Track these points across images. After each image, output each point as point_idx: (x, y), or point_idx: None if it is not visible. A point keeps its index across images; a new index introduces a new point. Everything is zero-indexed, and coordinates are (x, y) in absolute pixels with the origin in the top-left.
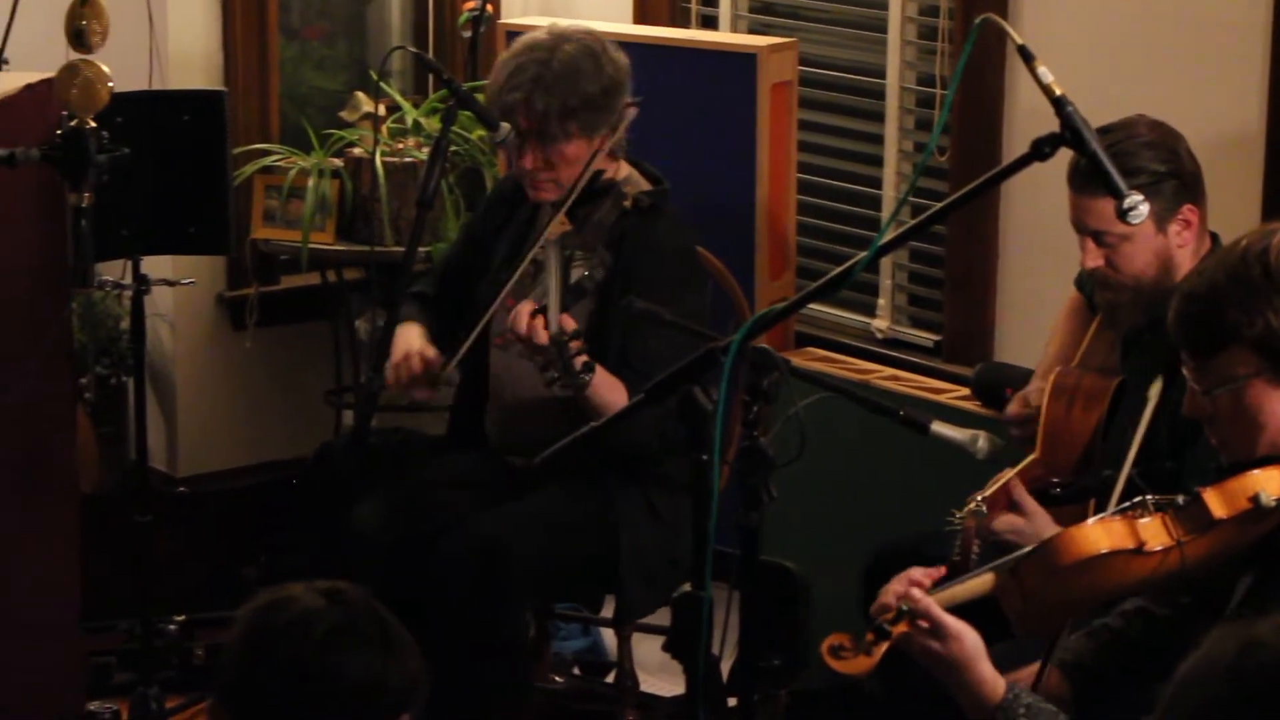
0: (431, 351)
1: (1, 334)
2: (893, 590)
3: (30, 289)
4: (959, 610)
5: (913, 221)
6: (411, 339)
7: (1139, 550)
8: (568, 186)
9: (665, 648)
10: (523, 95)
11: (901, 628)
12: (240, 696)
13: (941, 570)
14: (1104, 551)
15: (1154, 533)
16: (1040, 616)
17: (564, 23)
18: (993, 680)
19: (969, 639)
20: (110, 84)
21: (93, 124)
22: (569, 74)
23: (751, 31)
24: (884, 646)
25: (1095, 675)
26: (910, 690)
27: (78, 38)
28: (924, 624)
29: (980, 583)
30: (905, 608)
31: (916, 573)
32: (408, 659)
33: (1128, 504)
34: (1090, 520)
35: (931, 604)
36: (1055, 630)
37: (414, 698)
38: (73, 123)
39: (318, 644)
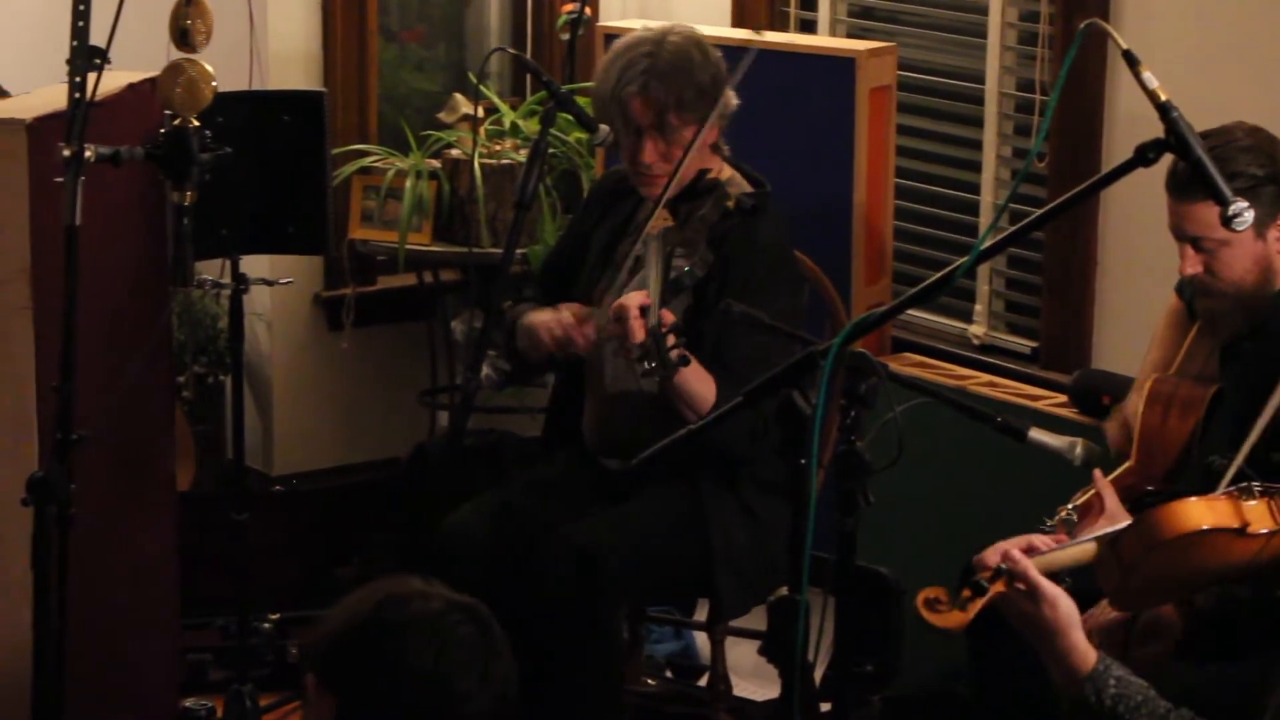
0: (572, 308)
1: (103, 332)
2: (998, 549)
3: (131, 287)
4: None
5: (1014, 227)
6: (543, 310)
7: (1242, 531)
8: (682, 181)
9: (761, 651)
10: (638, 88)
11: (999, 587)
12: (350, 681)
13: (1061, 538)
14: (1206, 528)
15: (1259, 515)
16: (1136, 593)
17: (663, 25)
18: (1084, 650)
19: (1064, 605)
20: (214, 83)
21: (196, 123)
22: (680, 64)
23: (850, 36)
24: (980, 603)
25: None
26: (1003, 696)
27: (182, 37)
28: (1021, 586)
29: (1081, 551)
30: (1004, 567)
31: (1036, 538)
32: (508, 686)
33: (1233, 486)
34: (1194, 498)
35: (1030, 566)
36: (1149, 609)
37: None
38: (176, 122)
39: (439, 649)
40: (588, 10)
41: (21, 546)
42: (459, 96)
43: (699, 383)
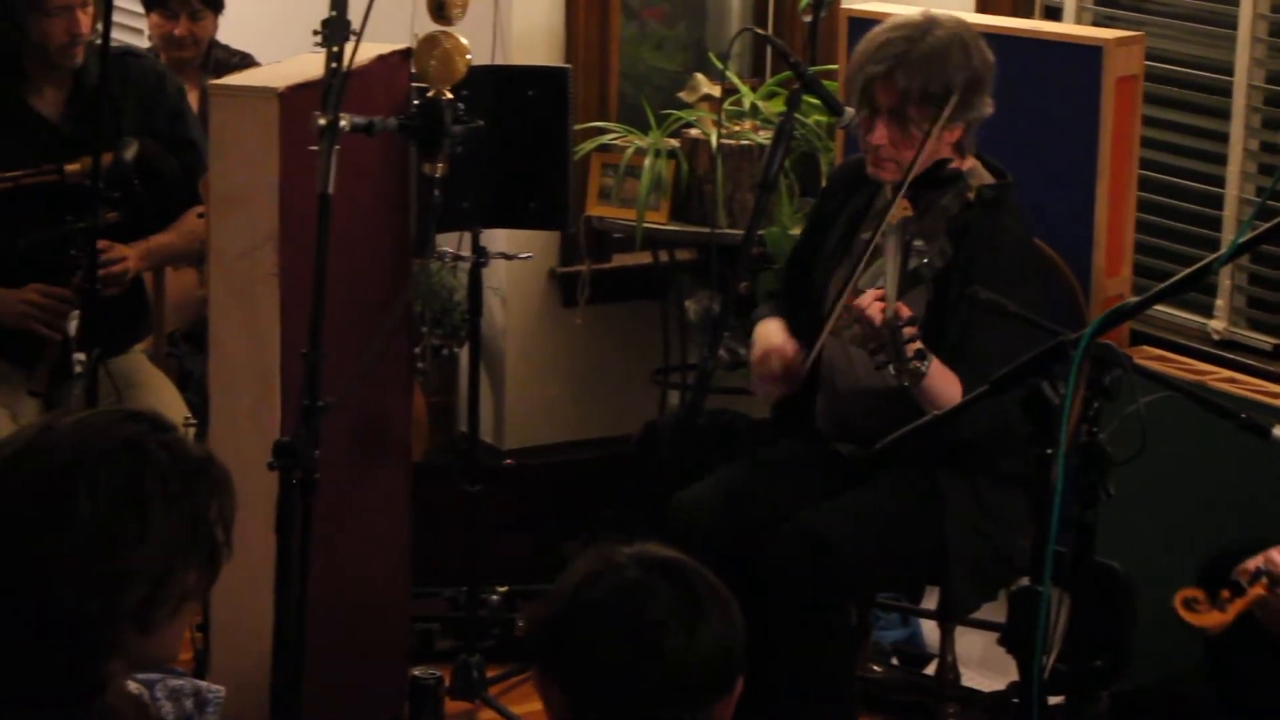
0: (791, 347)
1: (346, 300)
2: (1263, 555)
3: (373, 257)
4: None
5: (1270, 224)
6: (771, 334)
7: None
8: (920, 169)
9: (1001, 642)
10: (884, 70)
11: (1258, 589)
12: (565, 667)
13: None
14: None
15: None
16: None
17: (938, 11)
18: None
19: None
20: (468, 56)
21: (449, 95)
22: (935, 59)
23: (1095, 24)
24: (1239, 605)
25: None
26: (1244, 703)
27: (439, 10)
28: None
29: None
30: (1264, 568)
31: None
32: (733, 626)
33: None
34: None
35: None
36: None
37: (736, 663)
38: (429, 93)
39: (638, 618)
40: None
41: (263, 509)
42: (700, 76)
43: (944, 383)
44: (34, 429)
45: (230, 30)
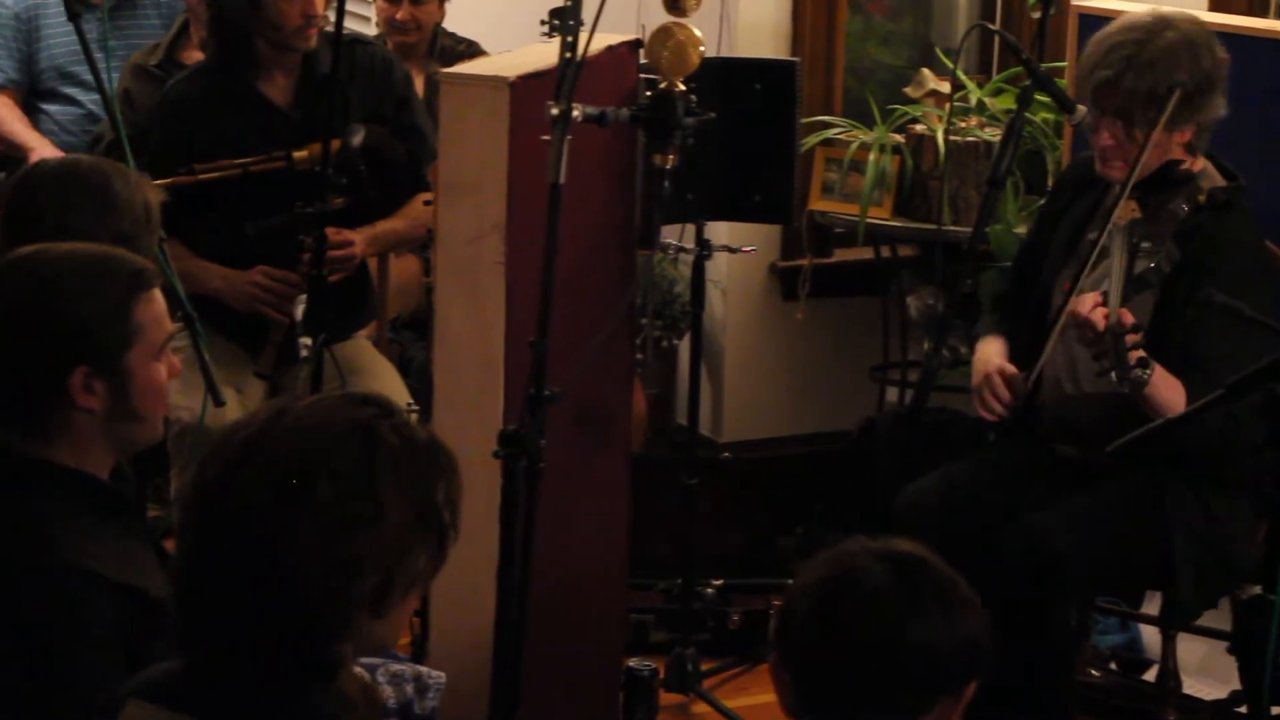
0: (1010, 369)
1: (570, 290)
2: None
3: (596, 247)
4: None
5: None
6: (990, 356)
7: None
8: (1145, 171)
9: (1230, 650)
10: (1113, 74)
11: None
12: (801, 659)
13: None
14: None
15: None
16: None
17: (1170, 10)
18: None
19: None
20: (701, 48)
21: (682, 87)
22: (1162, 61)
23: None
24: None
25: None
26: None
27: (674, 2)
28: None
29: None
30: None
31: None
32: (972, 621)
33: None
34: None
35: None
36: None
37: (979, 660)
38: (662, 85)
39: (883, 612)
40: None
41: (484, 496)
42: (926, 71)
43: (1168, 390)
44: (265, 415)
45: (457, 18)
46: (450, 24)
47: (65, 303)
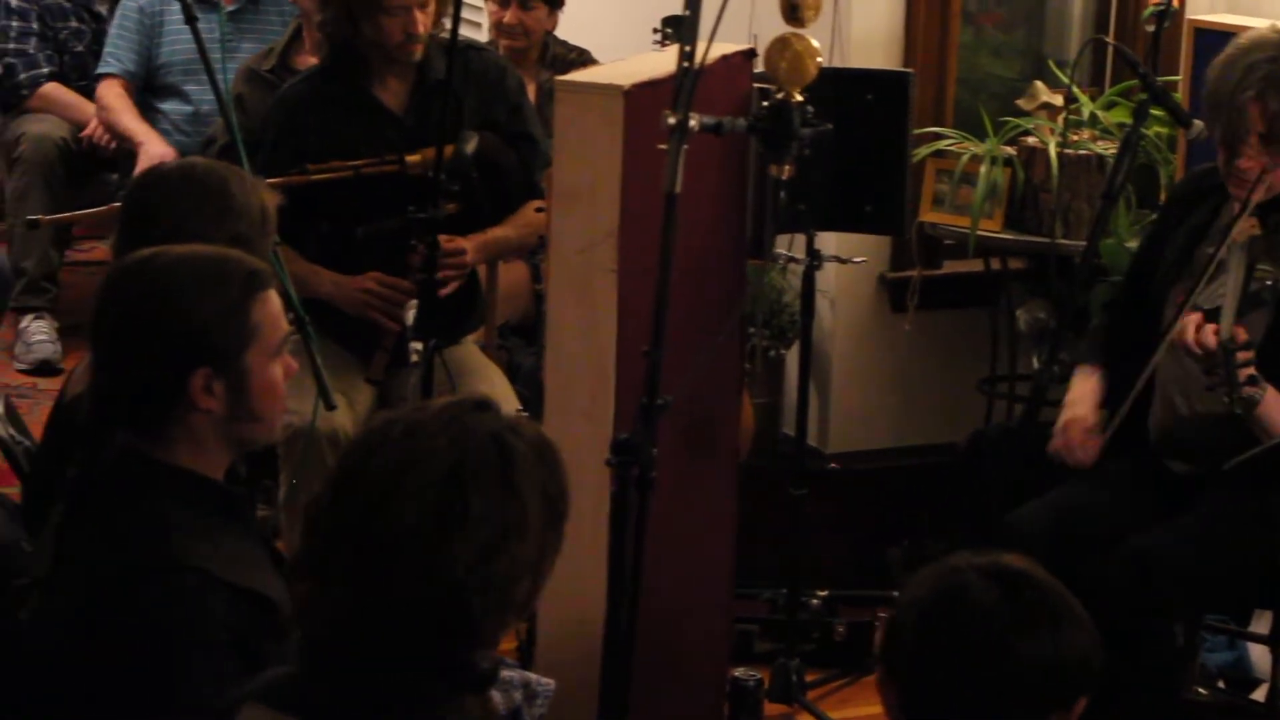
0: (1093, 419)
1: (682, 301)
2: None
3: (708, 256)
4: None
5: None
6: (1078, 399)
7: None
8: (1272, 189)
9: None
10: (1256, 94)
11: None
12: (908, 673)
13: None
14: None
15: None
16: None
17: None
18: None
19: None
20: (819, 59)
21: (799, 98)
22: None
23: None
24: None
25: None
26: None
27: (792, 11)
28: None
29: None
30: None
31: None
32: (1082, 637)
33: None
34: None
35: None
36: None
37: (1090, 675)
38: (779, 95)
39: (991, 628)
40: (1175, 2)
41: (593, 503)
42: (1039, 84)
43: (1278, 410)
44: (398, 433)
45: (568, 27)
46: (561, 33)
47: (184, 305)
